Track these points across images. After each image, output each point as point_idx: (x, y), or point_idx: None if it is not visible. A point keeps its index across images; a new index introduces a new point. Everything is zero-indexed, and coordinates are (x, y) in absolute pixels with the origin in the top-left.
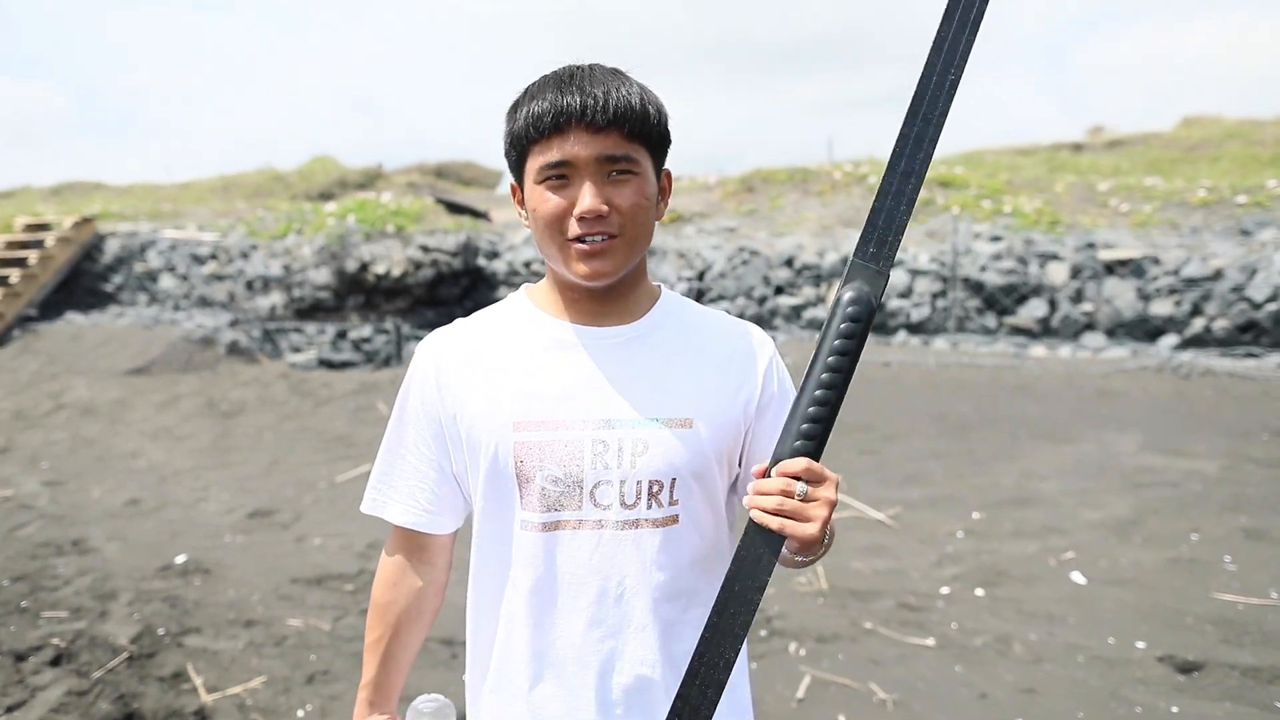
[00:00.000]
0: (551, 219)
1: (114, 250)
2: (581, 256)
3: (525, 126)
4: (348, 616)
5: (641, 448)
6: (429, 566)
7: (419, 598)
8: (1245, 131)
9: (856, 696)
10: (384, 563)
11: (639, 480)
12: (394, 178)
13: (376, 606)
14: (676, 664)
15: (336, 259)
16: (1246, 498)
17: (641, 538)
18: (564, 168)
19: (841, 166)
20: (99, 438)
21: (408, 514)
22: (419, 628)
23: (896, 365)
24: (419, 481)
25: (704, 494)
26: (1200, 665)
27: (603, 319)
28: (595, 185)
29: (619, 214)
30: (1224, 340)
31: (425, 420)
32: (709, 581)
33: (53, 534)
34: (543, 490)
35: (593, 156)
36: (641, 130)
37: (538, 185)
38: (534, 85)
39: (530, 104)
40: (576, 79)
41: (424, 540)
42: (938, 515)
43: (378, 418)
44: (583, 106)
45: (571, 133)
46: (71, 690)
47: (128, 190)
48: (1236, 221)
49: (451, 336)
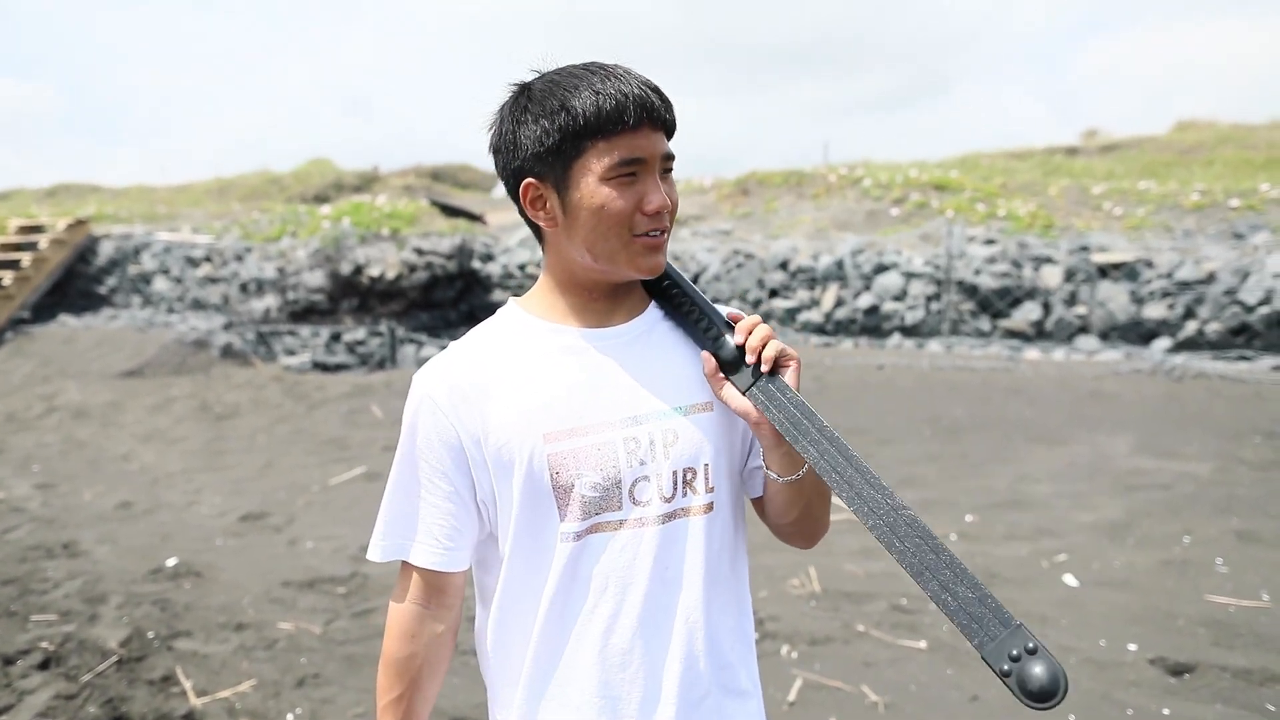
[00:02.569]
0: (624, 216)
1: (108, 252)
2: (648, 250)
3: (593, 121)
4: (339, 620)
5: (672, 437)
6: (447, 610)
7: (438, 645)
8: (1239, 136)
9: (848, 699)
10: (396, 613)
11: (674, 470)
12: (390, 180)
13: (394, 662)
14: (720, 655)
15: (331, 262)
16: (1238, 500)
17: (683, 528)
18: (636, 165)
19: (837, 169)
20: (91, 440)
21: (430, 554)
22: (438, 680)
23: (890, 368)
24: (438, 518)
25: (730, 479)
26: (1192, 667)
27: (608, 319)
28: (661, 181)
29: (671, 210)
30: (1217, 343)
31: (441, 449)
32: (736, 573)
33: (43, 537)
34: (584, 498)
35: (659, 154)
36: (674, 128)
37: (605, 183)
38: (565, 79)
39: (585, 98)
40: (621, 76)
41: (444, 582)
42: (931, 518)
43: (371, 421)
44: (650, 104)
45: (643, 129)
46: (60, 694)
47: (122, 192)
48: (1229, 225)
49: (454, 361)
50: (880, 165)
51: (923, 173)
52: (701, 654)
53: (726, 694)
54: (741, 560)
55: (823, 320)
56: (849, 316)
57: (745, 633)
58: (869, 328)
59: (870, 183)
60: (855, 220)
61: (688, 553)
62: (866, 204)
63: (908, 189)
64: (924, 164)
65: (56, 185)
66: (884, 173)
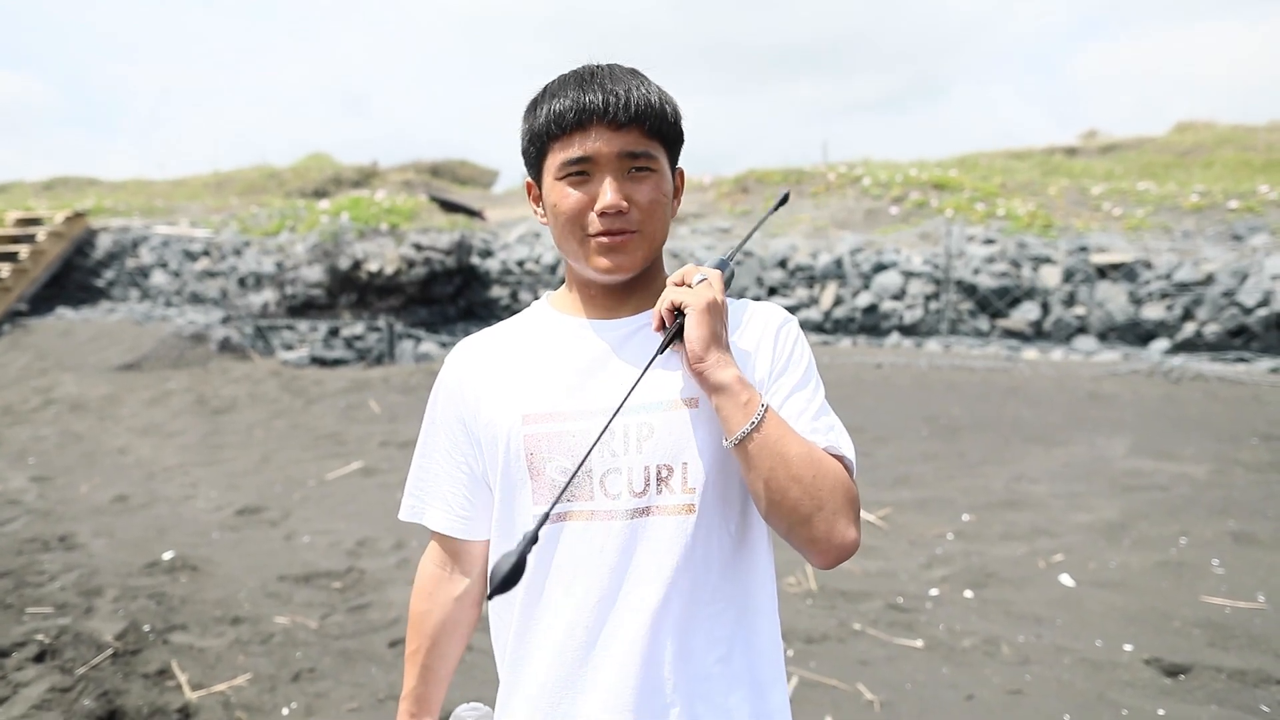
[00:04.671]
0: (573, 214)
1: (106, 246)
2: (601, 250)
3: (547, 123)
4: (335, 614)
5: (646, 431)
6: (464, 577)
7: (454, 608)
8: (1238, 137)
9: (844, 697)
10: (421, 572)
11: (646, 466)
12: (389, 175)
13: (414, 617)
14: (689, 657)
15: (330, 256)
16: (1235, 502)
17: (653, 525)
18: (585, 164)
19: (836, 168)
20: (88, 433)
21: (444, 520)
22: (457, 639)
23: (888, 367)
24: (452, 487)
25: (722, 482)
26: (1187, 668)
27: (615, 311)
28: (616, 181)
29: (638, 210)
30: (1215, 344)
31: (455, 423)
32: (736, 583)
33: (39, 530)
34: (553, 482)
35: (614, 153)
36: (660, 128)
37: (558, 181)
38: (554, 84)
39: (551, 101)
40: (598, 77)
41: (459, 548)
42: (928, 517)
43: (369, 416)
44: (605, 104)
45: (593, 129)
46: (55, 687)
47: (121, 186)
48: (1228, 226)
49: (474, 342)
50: (879, 164)
51: (922, 172)
52: (668, 661)
53: (705, 705)
54: (749, 571)
55: (821, 319)
56: (847, 315)
57: (754, 648)
58: (867, 326)
59: (869, 181)
60: (854, 219)
61: (659, 552)
62: (866, 203)
63: (907, 188)
64: (923, 163)
65: (54, 178)
66: (883, 171)
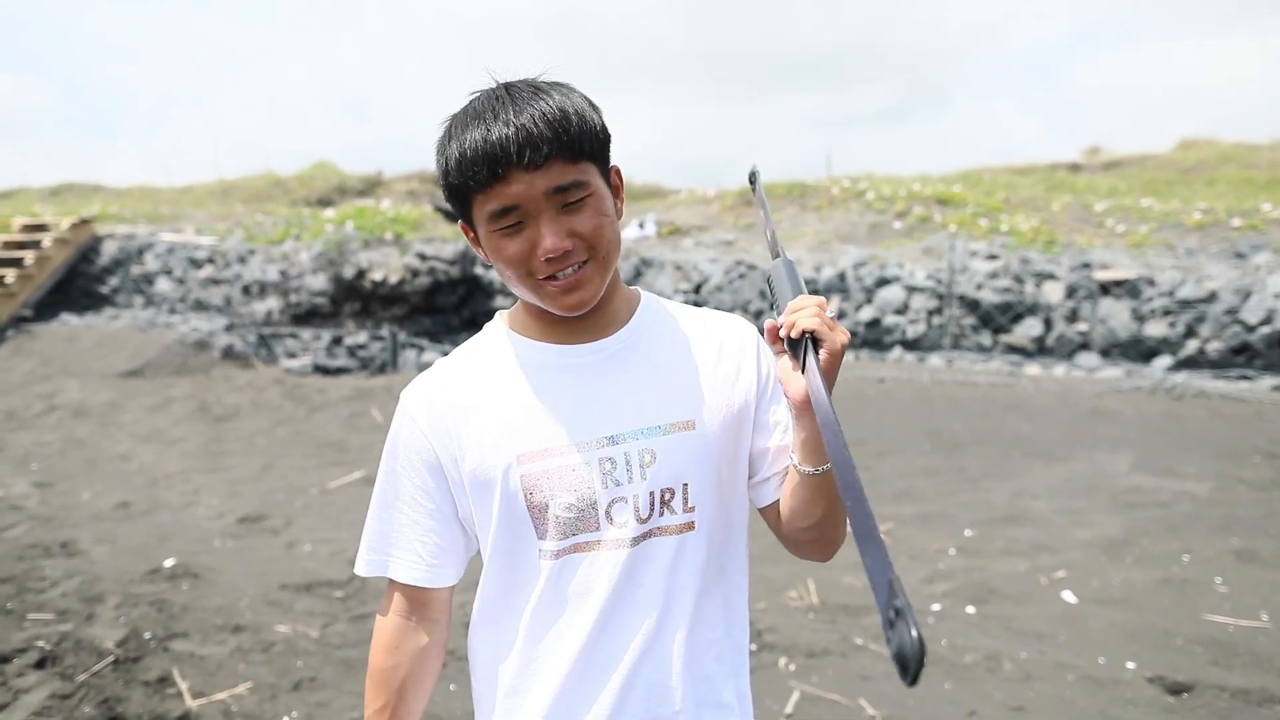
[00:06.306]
0: (517, 263)
1: (111, 252)
2: (560, 292)
3: (462, 177)
4: (336, 624)
5: (649, 458)
6: (432, 624)
7: (423, 659)
8: (1241, 155)
9: (846, 712)
10: (381, 626)
11: (651, 491)
12: (394, 185)
13: (378, 673)
14: (699, 669)
15: (334, 265)
16: (1238, 519)
17: (659, 547)
18: (514, 213)
19: (839, 181)
20: (90, 440)
21: (413, 570)
22: (424, 692)
23: (891, 381)
24: (421, 536)
25: (717, 497)
26: (1190, 686)
27: (586, 335)
28: (552, 221)
29: (584, 240)
30: (1217, 362)
31: (422, 468)
32: (723, 580)
33: (41, 536)
34: (559, 518)
35: (540, 195)
36: (581, 147)
37: (493, 234)
38: (456, 124)
39: (459, 150)
40: (500, 115)
41: (427, 597)
42: (929, 532)
43: (372, 424)
44: (518, 149)
45: (511, 176)
46: (55, 693)
47: (126, 192)
48: (1231, 244)
49: (435, 381)
50: (883, 178)
51: (925, 186)
52: (676, 671)
53: (704, 707)
54: (735, 572)
55: None
56: (850, 329)
57: (736, 644)
58: (870, 340)
59: (873, 195)
60: (858, 233)
61: (664, 570)
62: (869, 217)
63: (911, 202)
64: (927, 178)
65: (60, 184)
66: (887, 186)
